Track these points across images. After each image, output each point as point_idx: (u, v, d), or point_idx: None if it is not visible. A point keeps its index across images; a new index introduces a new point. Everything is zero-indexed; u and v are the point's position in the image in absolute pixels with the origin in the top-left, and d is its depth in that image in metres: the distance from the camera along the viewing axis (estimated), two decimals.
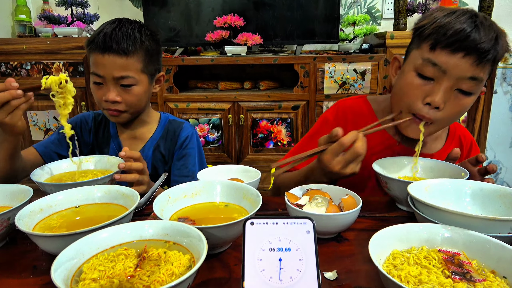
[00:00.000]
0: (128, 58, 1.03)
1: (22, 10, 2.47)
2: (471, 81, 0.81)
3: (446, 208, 0.59)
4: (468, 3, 2.61)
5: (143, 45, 1.07)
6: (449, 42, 0.80)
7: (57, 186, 0.82)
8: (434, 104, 0.83)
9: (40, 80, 0.87)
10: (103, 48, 1.01)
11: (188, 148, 1.19)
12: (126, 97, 1.06)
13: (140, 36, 1.06)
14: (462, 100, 0.84)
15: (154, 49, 1.11)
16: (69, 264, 0.50)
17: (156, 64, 1.14)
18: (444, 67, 0.81)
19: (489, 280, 0.49)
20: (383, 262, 0.53)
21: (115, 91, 1.04)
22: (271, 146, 2.31)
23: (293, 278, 0.43)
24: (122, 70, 1.03)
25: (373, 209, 0.83)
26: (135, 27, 1.07)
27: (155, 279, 0.48)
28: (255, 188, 0.73)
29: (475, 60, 0.79)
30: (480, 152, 1.06)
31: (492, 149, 2.81)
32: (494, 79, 2.24)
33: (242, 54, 2.28)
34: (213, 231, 0.58)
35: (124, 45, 1.02)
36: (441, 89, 0.83)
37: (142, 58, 1.07)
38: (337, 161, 0.79)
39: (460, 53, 0.80)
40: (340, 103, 1.10)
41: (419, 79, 0.85)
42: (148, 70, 1.10)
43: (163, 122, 1.22)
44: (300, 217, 0.47)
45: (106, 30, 1.03)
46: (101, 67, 1.03)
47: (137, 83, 1.07)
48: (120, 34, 1.03)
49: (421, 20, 0.88)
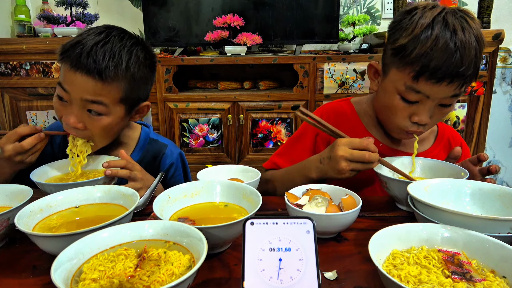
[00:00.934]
0: (104, 83, 0.85)
1: (22, 10, 2.46)
2: (453, 97, 0.85)
3: (446, 208, 0.59)
4: (467, 3, 2.61)
5: (128, 72, 0.87)
6: (432, 75, 0.80)
7: (57, 186, 0.82)
8: (421, 123, 0.87)
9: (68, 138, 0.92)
10: (76, 64, 0.83)
11: (175, 176, 1.09)
12: (90, 125, 0.89)
13: (127, 59, 0.87)
14: (445, 110, 0.88)
15: (143, 76, 0.92)
16: (69, 264, 0.50)
17: (142, 93, 0.95)
18: (428, 94, 0.83)
19: (488, 280, 0.49)
20: (383, 262, 0.53)
21: (78, 116, 0.87)
22: (270, 146, 2.31)
23: (293, 278, 0.43)
24: (93, 95, 0.85)
25: (373, 209, 0.83)
26: (125, 45, 0.87)
27: (155, 279, 0.48)
28: (255, 188, 0.73)
29: (458, 84, 0.81)
30: (469, 152, 1.08)
31: (491, 149, 2.81)
32: (493, 79, 2.24)
33: (241, 54, 2.28)
34: (213, 231, 0.58)
35: (102, 66, 0.83)
36: (426, 109, 0.85)
37: (123, 87, 0.88)
38: (345, 149, 0.81)
39: (445, 82, 0.80)
40: (324, 107, 1.13)
41: (403, 103, 0.87)
42: (128, 101, 0.92)
43: (142, 142, 1.07)
44: (300, 217, 0.47)
45: (87, 42, 0.84)
46: (70, 83, 0.85)
47: (108, 113, 0.89)
48: (101, 52, 0.83)
49: (399, 33, 0.85)
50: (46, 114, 2.32)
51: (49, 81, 2.27)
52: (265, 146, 2.31)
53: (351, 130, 1.04)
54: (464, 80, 0.81)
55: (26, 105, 2.31)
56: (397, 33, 0.85)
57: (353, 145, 0.81)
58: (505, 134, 2.79)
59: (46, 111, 2.31)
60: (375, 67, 0.97)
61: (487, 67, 2.20)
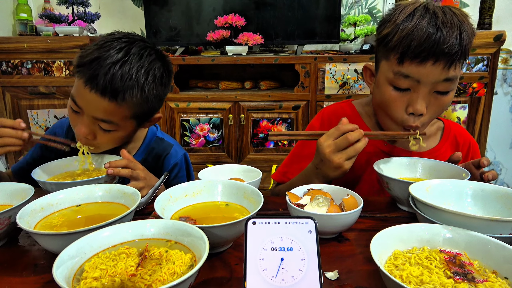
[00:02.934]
0: (117, 104, 0.85)
1: (23, 9, 2.47)
2: (446, 82, 0.82)
3: (448, 208, 0.59)
4: (468, 4, 2.61)
5: (143, 93, 0.86)
6: (415, 54, 0.80)
7: (58, 184, 0.82)
8: (417, 112, 0.84)
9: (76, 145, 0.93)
10: (91, 83, 0.82)
11: (178, 177, 1.09)
12: (101, 138, 0.91)
13: (144, 80, 0.85)
14: (442, 99, 0.85)
15: (157, 95, 0.91)
16: (71, 263, 0.50)
17: (154, 107, 0.94)
18: (417, 77, 0.82)
19: (490, 280, 0.48)
20: (385, 262, 0.53)
21: (89, 128, 0.89)
22: (271, 146, 2.31)
23: (295, 278, 0.43)
24: (104, 114, 0.86)
25: (374, 209, 0.83)
26: (143, 65, 0.85)
27: (156, 278, 0.48)
28: (257, 188, 0.73)
29: (445, 64, 0.80)
30: (479, 150, 1.06)
31: (492, 150, 2.81)
32: (494, 81, 2.24)
33: (243, 54, 2.28)
34: (214, 230, 0.58)
35: (118, 89, 0.82)
36: (420, 97, 0.83)
37: (137, 106, 0.88)
38: (328, 144, 0.80)
39: (429, 61, 0.80)
40: (324, 109, 1.12)
41: (396, 92, 0.86)
42: (139, 117, 0.92)
43: (148, 140, 1.07)
44: (302, 216, 0.47)
45: (106, 60, 0.82)
46: (83, 99, 0.86)
47: (119, 129, 0.91)
48: (118, 74, 0.82)
49: (383, 25, 0.87)
50: (47, 113, 2.32)
51: (50, 80, 2.27)
52: (265, 146, 2.31)
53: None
54: (451, 60, 0.79)
55: (27, 104, 2.31)
56: (382, 26, 0.88)
57: (332, 137, 0.80)
58: (506, 135, 2.79)
59: (47, 110, 2.31)
60: (370, 69, 0.97)
61: (488, 68, 2.20)
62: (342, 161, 0.79)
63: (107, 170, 0.82)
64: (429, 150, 1.02)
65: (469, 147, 1.05)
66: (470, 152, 1.05)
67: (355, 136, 0.78)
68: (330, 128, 1.05)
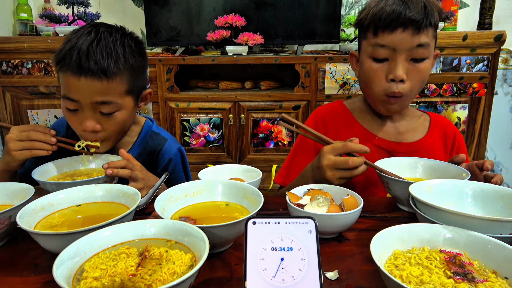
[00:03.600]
0: (109, 81, 0.86)
1: (23, 9, 2.47)
2: (420, 48, 0.91)
3: (448, 208, 0.59)
4: (469, 4, 2.61)
5: (127, 63, 0.89)
6: (386, 24, 0.91)
7: (58, 184, 0.82)
8: (397, 78, 0.92)
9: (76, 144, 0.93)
10: (78, 69, 0.83)
11: (176, 172, 1.09)
12: (107, 125, 0.91)
13: (123, 51, 0.89)
14: (419, 67, 0.93)
15: (140, 65, 0.94)
16: (71, 263, 0.50)
17: (142, 81, 0.99)
18: (392, 45, 0.91)
19: (490, 280, 0.48)
20: (385, 262, 0.53)
21: (94, 118, 0.89)
22: (271, 146, 2.31)
23: (295, 278, 0.43)
24: (102, 95, 0.87)
25: (374, 209, 0.83)
26: (116, 38, 0.89)
27: (156, 278, 0.48)
28: (257, 188, 0.73)
29: (413, 30, 0.89)
30: (464, 141, 1.12)
31: (492, 150, 2.80)
32: (495, 81, 2.24)
33: (243, 54, 2.28)
34: (214, 230, 0.58)
35: (104, 65, 0.84)
36: (398, 63, 0.92)
37: (127, 78, 0.90)
38: (329, 158, 0.82)
39: (399, 29, 0.90)
40: (317, 110, 1.15)
41: (376, 63, 0.95)
42: (133, 91, 0.94)
43: (143, 136, 1.08)
44: (302, 216, 0.47)
45: (81, 45, 0.84)
46: (76, 91, 0.86)
47: (120, 108, 0.91)
48: (98, 51, 0.84)
49: (360, 14, 0.99)
50: (47, 112, 2.32)
51: (51, 80, 2.27)
52: (266, 146, 2.31)
53: (346, 127, 1.06)
54: (418, 26, 0.88)
55: (28, 104, 2.31)
56: (359, 15, 0.99)
57: (336, 151, 0.81)
58: (506, 135, 2.79)
59: (48, 110, 2.31)
60: (355, 55, 1.05)
61: (488, 68, 2.20)
62: (334, 178, 0.82)
63: (106, 170, 0.83)
64: (417, 141, 1.05)
65: (454, 138, 1.09)
66: (455, 143, 1.09)
67: (355, 163, 0.79)
68: (325, 126, 1.07)
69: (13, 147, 0.86)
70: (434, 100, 2.25)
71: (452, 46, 2.16)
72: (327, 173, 0.81)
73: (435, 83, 2.22)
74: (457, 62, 2.19)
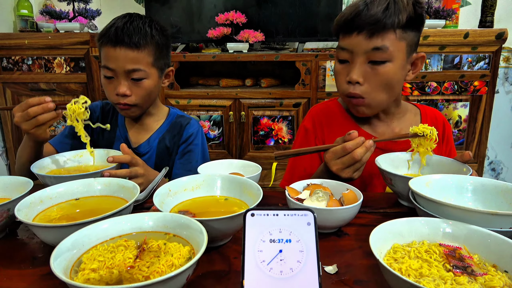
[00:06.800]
0: (139, 51, 1.05)
1: (24, 5, 2.46)
2: (376, 51, 0.89)
3: (448, 202, 0.59)
4: (471, 2, 2.60)
5: (153, 39, 1.08)
6: (343, 26, 0.93)
7: (57, 178, 0.82)
8: (352, 80, 0.92)
9: (66, 105, 0.92)
10: (115, 41, 1.03)
11: (193, 144, 1.20)
12: (136, 91, 1.07)
13: (150, 31, 1.07)
14: (378, 70, 0.91)
15: (164, 43, 1.13)
16: (69, 254, 0.50)
17: (166, 59, 1.16)
18: (349, 48, 0.92)
19: (490, 274, 0.48)
20: (384, 255, 0.53)
21: (126, 85, 1.05)
22: (271, 144, 2.31)
23: (293, 270, 0.43)
24: (133, 63, 1.04)
25: (373, 205, 0.83)
26: (145, 21, 1.09)
27: (154, 270, 0.47)
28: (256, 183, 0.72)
29: (367, 33, 0.88)
30: (451, 130, 1.14)
31: (493, 149, 2.80)
32: (496, 79, 2.23)
33: (243, 51, 2.27)
34: (213, 223, 0.57)
35: (135, 39, 1.03)
36: (355, 66, 0.92)
37: (153, 52, 1.08)
38: (335, 162, 0.82)
39: (354, 32, 0.90)
40: (313, 109, 1.15)
41: (339, 65, 0.97)
42: (158, 64, 1.11)
43: (171, 116, 1.24)
44: (301, 208, 0.47)
45: (118, 24, 1.05)
46: (113, 60, 1.04)
47: (148, 76, 1.08)
48: (131, 28, 1.04)
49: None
50: None
51: (51, 77, 2.27)
52: (266, 143, 2.31)
53: (343, 127, 1.05)
54: (372, 29, 0.87)
55: None
56: None
57: (339, 155, 0.81)
58: (507, 134, 2.78)
59: None
60: None
61: (489, 66, 2.19)
62: (351, 175, 0.82)
63: (104, 173, 0.83)
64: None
65: (443, 127, 1.10)
66: (445, 131, 1.10)
67: (361, 153, 0.79)
68: (321, 126, 1.07)
69: (26, 127, 0.89)
70: (435, 98, 2.24)
71: (454, 44, 2.15)
72: (342, 175, 0.82)
73: (436, 81, 2.21)
74: (458, 60, 2.19)
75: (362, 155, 0.79)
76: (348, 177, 0.82)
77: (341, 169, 0.81)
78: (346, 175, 0.81)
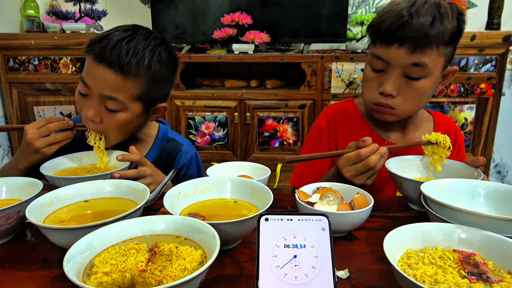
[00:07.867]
0: (124, 78, 0.87)
1: (31, 6, 2.47)
2: (415, 67, 0.86)
3: (462, 208, 0.58)
4: (477, 4, 2.59)
5: (149, 70, 0.89)
6: (383, 36, 0.87)
7: (66, 179, 0.81)
8: (385, 92, 0.90)
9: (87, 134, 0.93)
10: (99, 57, 0.85)
11: (186, 176, 1.10)
12: (107, 120, 0.91)
13: (150, 57, 0.88)
14: (413, 85, 0.89)
15: (164, 77, 0.94)
16: (81, 257, 0.50)
17: (160, 93, 0.97)
18: (386, 59, 0.88)
19: (506, 281, 0.48)
20: (397, 261, 0.52)
21: (96, 110, 0.89)
22: (276, 145, 2.30)
23: (308, 276, 0.42)
24: (111, 90, 0.87)
25: (384, 209, 0.82)
26: (149, 44, 0.89)
27: (167, 274, 0.47)
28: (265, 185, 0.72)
29: (410, 48, 0.84)
30: (463, 139, 1.11)
31: (499, 152, 2.78)
32: (502, 81, 2.22)
33: (249, 52, 2.27)
34: (224, 227, 0.57)
35: (124, 61, 0.85)
36: (390, 78, 0.89)
37: (143, 83, 0.90)
38: (348, 169, 0.81)
39: (395, 44, 0.85)
40: (328, 109, 1.13)
41: (372, 72, 0.93)
42: (145, 98, 0.92)
43: (160, 140, 1.09)
44: (315, 214, 0.46)
45: (113, 37, 0.87)
46: (91, 77, 0.88)
47: (125, 110, 0.91)
48: (125, 48, 0.86)
49: (374, 19, 0.94)
50: (53, 109, 2.32)
51: (57, 77, 2.27)
52: (271, 145, 2.30)
53: (357, 129, 1.04)
54: (415, 44, 0.83)
55: (34, 100, 2.32)
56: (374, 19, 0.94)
57: (352, 161, 0.81)
58: None
59: (54, 107, 2.32)
60: None
61: (496, 68, 2.18)
62: (364, 181, 0.82)
63: (114, 174, 0.82)
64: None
65: (455, 135, 1.09)
66: (457, 140, 1.09)
67: (375, 160, 0.79)
68: (335, 127, 1.06)
69: (40, 145, 0.87)
70: (441, 101, 2.23)
71: (460, 46, 2.13)
72: (355, 182, 0.81)
73: None
74: (464, 62, 2.17)
75: (376, 162, 0.79)
76: (361, 184, 0.81)
77: (354, 175, 0.81)
78: (359, 182, 0.81)
